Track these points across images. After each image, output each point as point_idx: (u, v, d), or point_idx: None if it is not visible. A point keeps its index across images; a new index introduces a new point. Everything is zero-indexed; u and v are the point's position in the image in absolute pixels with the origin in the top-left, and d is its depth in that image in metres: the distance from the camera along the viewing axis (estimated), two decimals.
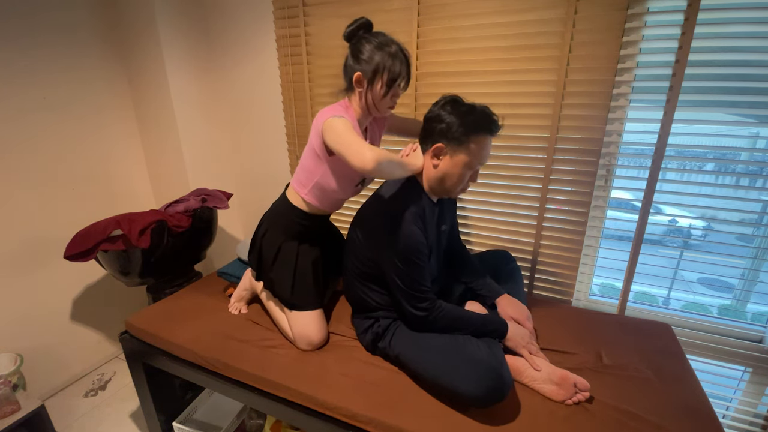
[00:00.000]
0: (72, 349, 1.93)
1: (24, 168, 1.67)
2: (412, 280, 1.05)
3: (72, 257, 1.49)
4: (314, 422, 1.05)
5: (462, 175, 1.07)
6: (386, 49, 1.06)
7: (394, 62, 1.07)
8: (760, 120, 1.25)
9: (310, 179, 1.20)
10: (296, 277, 1.27)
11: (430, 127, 1.07)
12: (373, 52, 1.06)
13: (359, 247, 1.15)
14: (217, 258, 2.26)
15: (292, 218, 1.27)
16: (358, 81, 1.10)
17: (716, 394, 1.49)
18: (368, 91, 1.10)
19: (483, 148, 1.04)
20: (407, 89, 1.16)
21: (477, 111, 1.03)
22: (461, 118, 1.02)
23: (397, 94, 1.13)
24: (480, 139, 1.03)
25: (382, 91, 1.09)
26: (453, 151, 1.04)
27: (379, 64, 1.06)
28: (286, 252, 1.28)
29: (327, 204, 1.27)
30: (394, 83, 1.09)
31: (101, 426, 1.69)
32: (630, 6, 1.23)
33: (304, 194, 1.23)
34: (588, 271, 1.57)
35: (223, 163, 2.20)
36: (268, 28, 1.83)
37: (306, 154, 1.20)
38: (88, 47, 1.82)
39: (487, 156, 1.08)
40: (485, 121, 1.03)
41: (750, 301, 1.65)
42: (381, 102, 1.12)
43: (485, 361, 0.96)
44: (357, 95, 1.13)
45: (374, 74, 1.08)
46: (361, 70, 1.08)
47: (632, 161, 1.58)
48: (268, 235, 1.29)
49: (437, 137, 1.05)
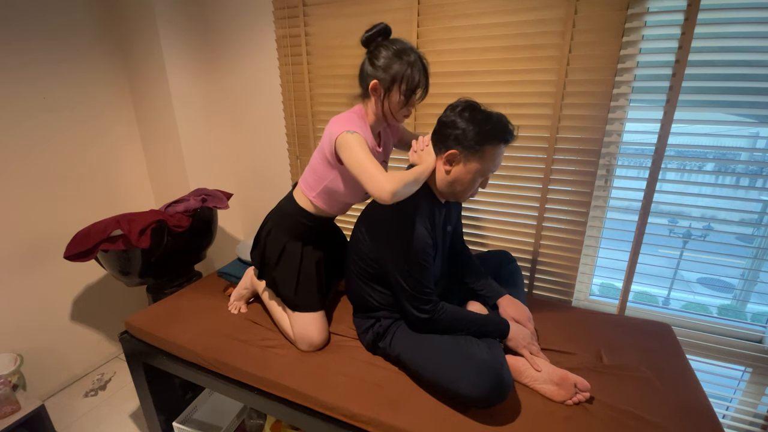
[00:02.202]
0: (72, 349, 1.93)
1: (24, 168, 1.67)
2: (416, 282, 1.05)
3: (72, 257, 1.49)
4: (314, 422, 1.05)
5: (473, 181, 1.07)
6: (405, 58, 1.04)
7: (413, 72, 1.04)
8: (760, 120, 1.25)
9: (319, 183, 1.19)
10: (300, 278, 1.26)
11: (444, 132, 1.05)
12: (392, 60, 1.04)
13: (364, 247, 1.15)
14: (217, 258, 2.27)
15: (298, 219, 1.26)
16: (374, 89, 1.08)
17: (716, 394, 1.49)
18: (385, 100, 1.08)
19: (497, 156, 1.04)
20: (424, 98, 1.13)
21: (493, 120, 1.02)
22: (478, 127, 1.01)
23: (413, 104, 1.11)
24: (495, 148, 1.03)
25: (399, 101, 1.08)
26: (466, 159, 1.04)
27: (397, 73, 1.04)
28: (291, 252, 1.27)
29: (335, 207, 1.26)
30: (412, 93, 1.07)
31: (101, 426, 1.69)
32: (630, 6, 1.23)
33: (312, 197, 1.22)
34: (588, 271, 1.57)
35: (223, 163, 2.20)
36: (268, 29, 1.83)
37: (316, 157, 1.18)
38: (88, 47, 1.82)
39: (500, 164, 1.08)
40: (501, 131, 1.02)
41: (750, 301, 1.65)
42: (398, 112, 1.10)
43: (486, 361, 0.96)
44: (372, 102, 1.11)
45: (392, 83, 1.05)
46: (379, 78, 1.06)
47: (632, 161, 1.58)
48: (273, 235, 1.28)
49: (452, 143, 1.04)
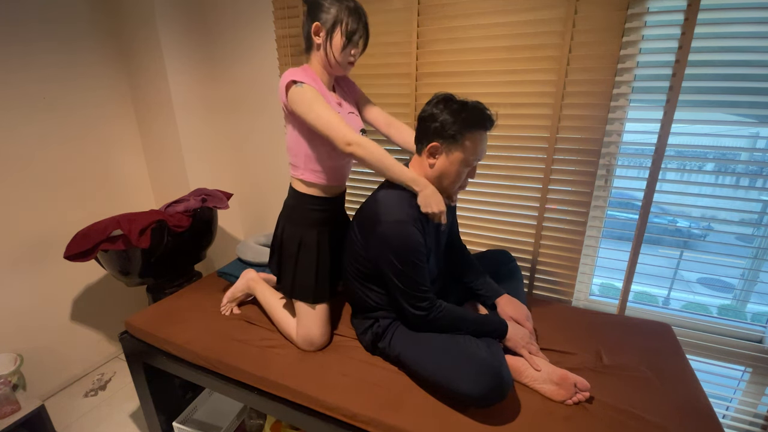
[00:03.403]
0: (72, 349, 1.93)
1: (24, 168, 1.67)
2: (410, 280, 1.05)
3: (72, 257, 1.49)
4: (314, 422, 1.05)
5: (459, 172, 1.07)
6: (345, 3, 1.07)
7: (352, 15, 1.07)
8: (760, 120, 1.25)
9: (298, 156, 1.18)
10: (319, 267, 1.24)
11: (424, 127, 1.06)
12: (332, 3, 1.07)
13: (358, 248, 1.15)
14: (217, 258, 2.27)
15: (304, 206, 1.24)
16: (316, 31, 1.09)
17: (716, 394, 1.49)
18: (327, 43, 1.10)
19: (478, 144, 1.04)
20: (365, 50, 1.16)
21: (469, 107, 1.02)
22: (454, 116, 1.01)
23: (356, 46, 1.12)
24: (475, 136, 1.03)
25: (341, 42, 1.09)
26: (448, 150, 1.04)
27: (337, 14, 1.07)
28: (308, 244, 1.24)
29: (330, 176, 1.21)
30: (353, 35, 1.08)
31: (101, 426, 1.69)
32: (630, 6, 1.23)
33: (301, 174, 1.20)
34: (588, 271, 1.57)
35: (223, 163, 2.20)
36: (268, 28, 1.83)
37: (286, 133, 1.18)
38: (87, 47, 1.82)
39: (484, 152, 1.07)
40: (479, 117, 1.02)
41: (750, 301, 1.66)
42: (341, 55, 1.11)
43: (485, 360, 0.96)
44: (316, 53, 1.13)
45: (333, 25, 1.07)
46: (321, 21, 1.08)
47: (632, 161, 1.58)
48: (287, 232, 1.25)
49: (432, 136, 1.04)
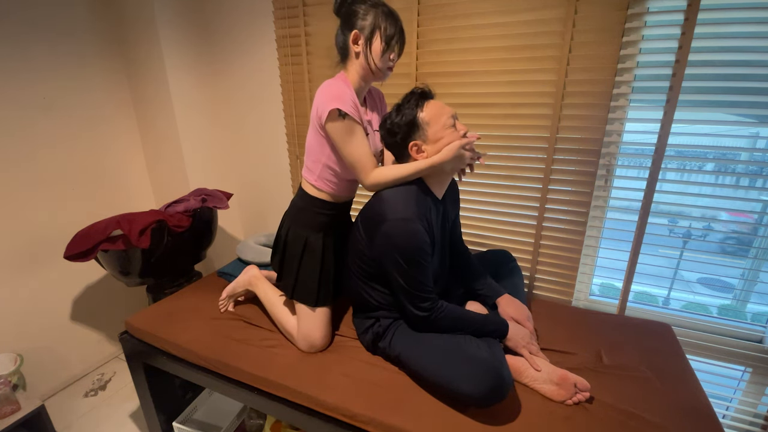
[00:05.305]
0: (72, 349, 1.93)
1: (24, 168, 1.67)
2: (415, 280, 1.05)
3: (72, 257, 1.49)
4: (314, 422, 1.05)
5: (451, 147, 1.05)
6: (381, 8, 1.08)
7: (389, 19, 1.08)
8: (760, 120, 1.25)
9: (316, 163, 1.18)
10: (323, 271, 1.25)
11: (393, 142, 1.10)
12: (368, 10, 1.07)
13: (362, 247, 1.14)
14: (217, 258, 2.27)
15: (313, 210, 1.24)
16: (355, 39, 1.09)
17: (716, 394, 1.49)
18: (367, 50, 1.10)
19: (436, 110, 1.06)
20: (401, 56, 1.16)
21: (408, 96, 1.09)
22: (401, 115, 1.06)
23: (394, 51, 1.12)
24: (427, 109, 1.06)
25: (381, 47, 1.09)
26: (425, 139, 1.07)
27: (375, 20, 1.07)
28: (313, 246, 1.25)
29: (342, 188, 1.22)
30: (392, 39, 1.09)
31: (101, 426, 1.69)
32: (630, 6, 1.23)
33: (315, 180, 1.21)
34: (588, 271, 1.57)
35: (223, 163, 2.20)
36: (268, 28, 1.83)
37: (309, 133, 1.18)
38: (87, 47, 1.82)
39: (449, 110, 1.08)
40: (414, 94, 1.08)
41: (750, 301, 1.65)
42: (381, 61, 1.11)
43: (485, 360, 0.96)
44: (354, 61, 1.13)
45: (372, 31, 1.08)
46: (359, 29, 1.08)
47: (632, 161, 1.58)
48: (292, 232, 1.26)
49: (402, 143, 1.08)
